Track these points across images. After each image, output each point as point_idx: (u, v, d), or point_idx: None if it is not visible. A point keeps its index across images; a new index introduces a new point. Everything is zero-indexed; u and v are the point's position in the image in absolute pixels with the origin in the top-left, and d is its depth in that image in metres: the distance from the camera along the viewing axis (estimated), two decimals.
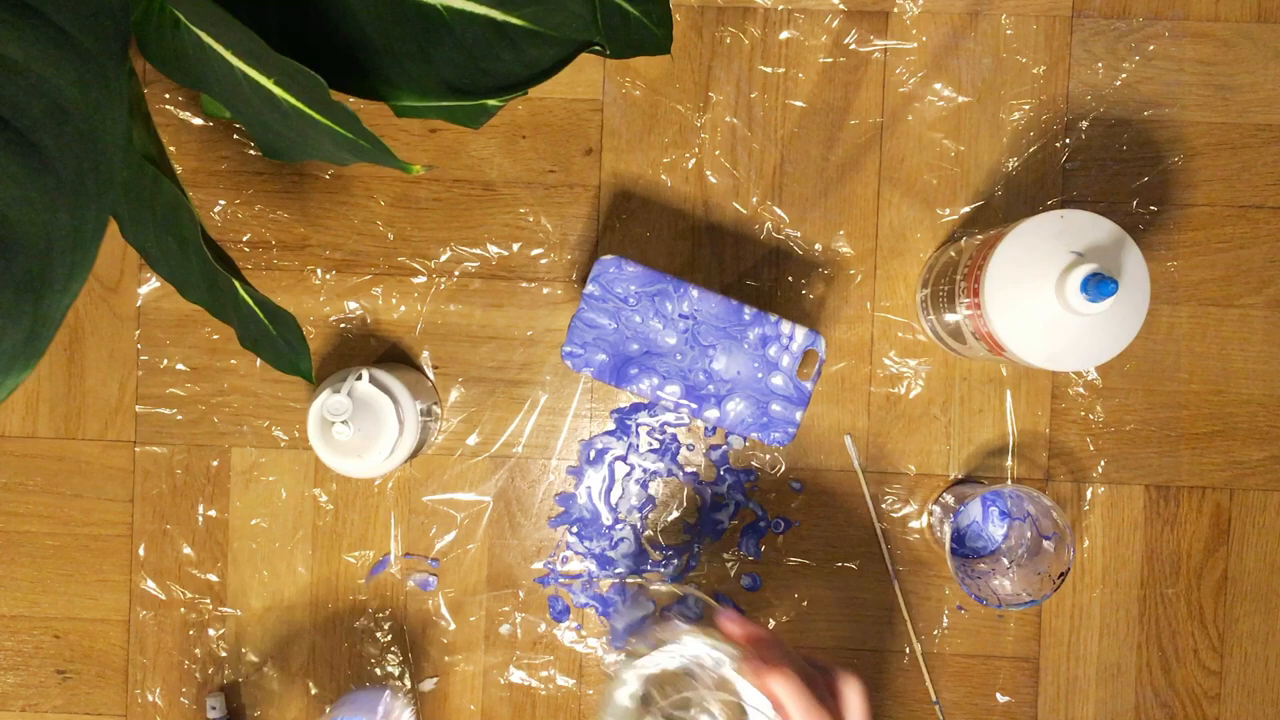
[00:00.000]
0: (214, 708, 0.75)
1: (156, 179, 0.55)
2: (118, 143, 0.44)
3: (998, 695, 0.76)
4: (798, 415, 0.64)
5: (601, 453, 0.76)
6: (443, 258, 0.76)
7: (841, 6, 0.75)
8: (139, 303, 0.76)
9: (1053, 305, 0.59)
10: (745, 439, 0.76)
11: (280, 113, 0.53)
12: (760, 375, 0.64)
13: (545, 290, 0.76)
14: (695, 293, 0.64)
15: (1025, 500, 0.72)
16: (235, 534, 0.77)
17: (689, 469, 0.76)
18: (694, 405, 0.64)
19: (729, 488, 0.76)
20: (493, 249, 0.76)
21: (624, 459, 0.76)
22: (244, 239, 0.76)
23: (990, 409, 0.76)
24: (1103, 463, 0.76)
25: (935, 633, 0.76)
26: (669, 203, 0.76)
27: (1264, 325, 0.75)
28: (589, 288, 0.64)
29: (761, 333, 0.64)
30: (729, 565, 0.76)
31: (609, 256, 0.64)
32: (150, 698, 0.77)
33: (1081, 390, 0.76)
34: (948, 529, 0.69)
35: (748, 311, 0.64)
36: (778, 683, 0.52)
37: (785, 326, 0.64)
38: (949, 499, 0.73)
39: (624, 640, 0.71)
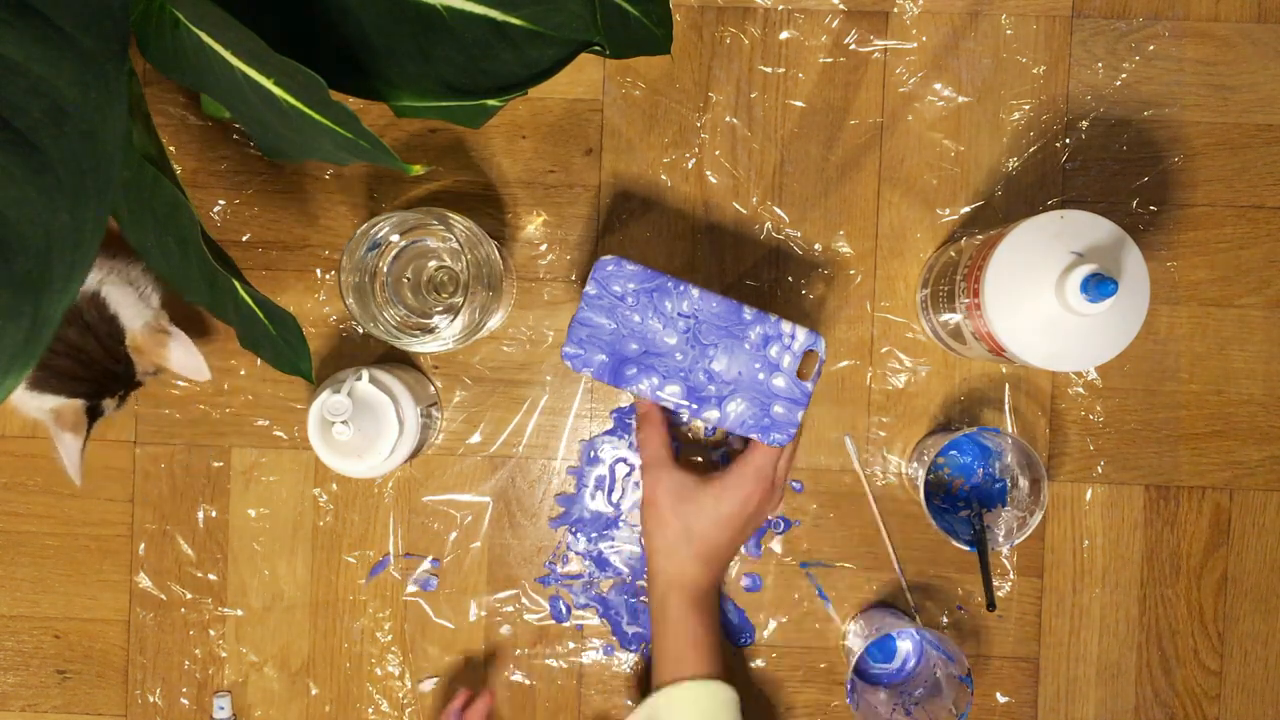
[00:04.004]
0: (221, 708, 0.75)
1: (156, 179, 0.55)
2: (118, 143, 0.44)
3: (998, 695, 0.76)
4: (799, 416, 0.64)
5: (601, 453, 0.76)
6: None
7: (841, 6, 0.75)
8: None
9: (1053, 305, 0.59)
10: (746, 440, 0.76)
11: (280, 113, 0.53)
12: (762, 376, 0.64)
13: (545, 290, 0.76)
14: (695, 292, 0.64)
15: (1000, 441, 0.73)
16: (235, 534, 0.77)
17: None
18: (694, 406, 0.64)
19: None
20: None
21: (624, 459, 0.76)
22: (244, 239, 0.76)
23: (990, 409, 0.76)
24: (1103, 463, 0.76)
25: None
26: (669, 203, 0.76)
27: (1264, 325, 0.75)
28: (588, 287, 0.64)
29: (763, 332, 0.64)
30: (729, 565, 0.76)
31: (608, 256, 0.64)
32: (150, 698, 0.77)
33: (1081, 390, 0.76)
34: (922, 473, 0.70)
35: (748, 311, 0.64)
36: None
37: (786, 326, 0.64)
38: (929, 444, 0.74)
39: None
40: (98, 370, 0.65)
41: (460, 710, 0.72)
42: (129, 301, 0.66)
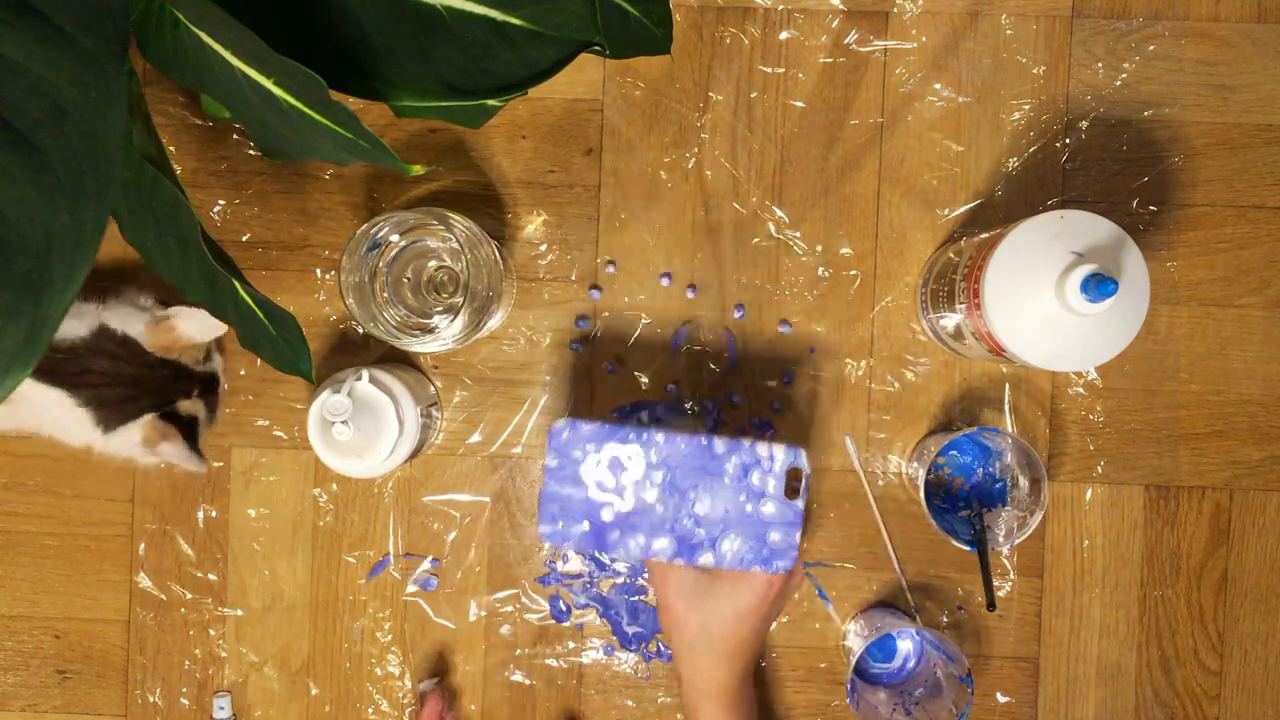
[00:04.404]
0: (221, 708, 0.75)
1: (156, 179, 0.55)
2: (118, 143, 0.44)
3: (998, 695, 0.76)
4: (797, 537, 0.60)
5: None
6: None
7: (841, 6, 0.75)
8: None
9: (1053, 305, 0.59)
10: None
11: (280, 113, 0.53)
12: (749, 507, 0.60)
13: (545, 290, 0.76)
14: (660, 437, 0.60)
15: (1001, 441, 0.73)
16: (235, 534, 0.77)
17: None
18: (684, 560, 0.60)
19: None
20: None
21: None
22: (244, 239, 0.76)
23: (990, 409, 0.76)
24: (1103, 463, 0.76)
25: None
26: (669, 203, 0.76)
27: (1264, 325, 0.75)
28: (547, 459, 0.60)
29: (740, 462, 0.60)
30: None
31: (560, 422, 0.60)
32: (150, 698, 0.77)
33: (1081, 390, 0.76)
34: (923, 473, 0.70)
35: (719, 444, 0.60)
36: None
37: (762, 449, 0.60)
38: (929, 444, 0.74)
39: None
40: (141, 383, 0.68)
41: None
42: (129, 314, 0.69)
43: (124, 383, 0.67)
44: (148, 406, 0.68)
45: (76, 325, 0.67)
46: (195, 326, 0.68)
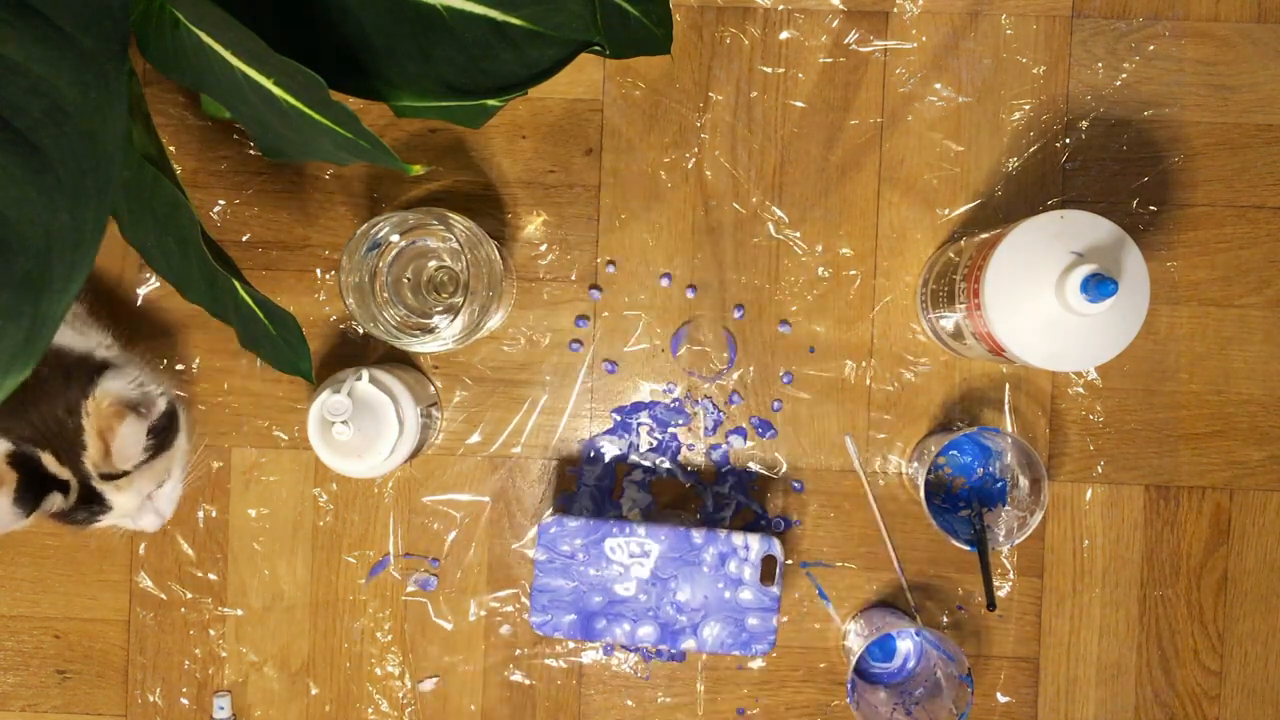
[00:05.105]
0: (221, 708, 0.75)
1: (156, 179, 0.56)
2: (118, 143, 0.44)
3: (998, 695, 0.76)
4: (774, 621, 0.64)
5: (601, 452, 0.77)
6: None
7: (841, 6, 0.75)
8: (139, 303, 0.76)
9: (1053, 305, 0.59)
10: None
11: (280, 113, 0.53)
12: (728, 594, 0.64)
13: (545, 290, 0.76)
14: (642, 529, 0.64)
15: (1000, 441, 0.73)
16: (235, 534, 0.77)
17: (690, 469, 0.76)
18: (667, 646, 0.65)
19: (730, 488, 0.76)
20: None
21: (624, 459, 0.76)
22: (244, 239, 0.76)
23: (990, 409, 0.76)
24: (1103, 463, 0.76)
25: None
26: (669, 203, 0.76)
27: (1264, 325, 0.75)
28: (536, 553, 0.65)
29: (717, 551, 0.64)
30: None
31: (548, 519, 0.64)
32: (150, 698, 0.77)
33: (1081, 390, 0.76)
34: (923, 473, 0.70)
35: (697, 534, 0.64)
36: None
37: (738, 539, 0.64)
38: (929, 444, 0.74)
39: None
40: (44, 409, 0.59)
41: None
42: (121, 381, 0.61)
43: (32, 395, 0.58)
44: (19, 433, 0.59)
45: (75, 340, 0.61)
46: (124, 440, 0.59)
